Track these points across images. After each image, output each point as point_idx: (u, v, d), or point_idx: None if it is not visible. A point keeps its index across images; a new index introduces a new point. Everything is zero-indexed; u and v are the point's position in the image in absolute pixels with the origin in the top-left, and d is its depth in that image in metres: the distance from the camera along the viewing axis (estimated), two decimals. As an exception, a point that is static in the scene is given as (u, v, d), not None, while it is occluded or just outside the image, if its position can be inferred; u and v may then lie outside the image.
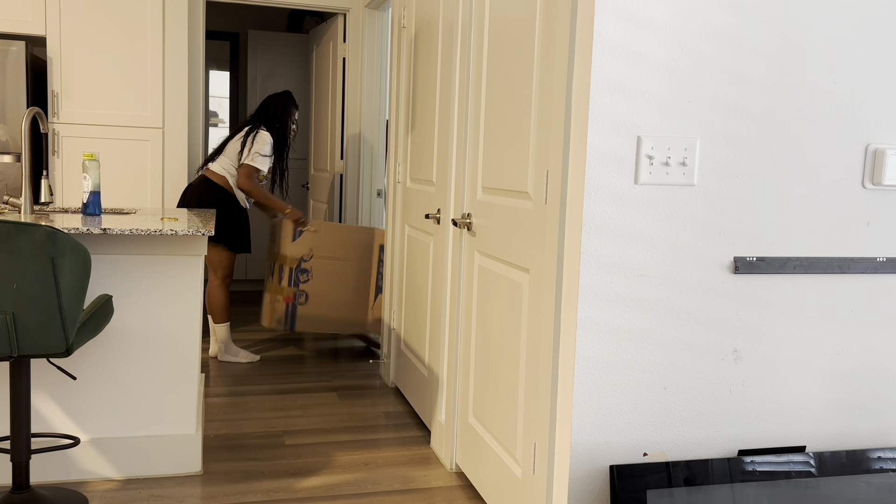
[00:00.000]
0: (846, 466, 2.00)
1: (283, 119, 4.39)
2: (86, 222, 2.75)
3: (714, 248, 1.96)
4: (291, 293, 4.42)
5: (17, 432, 2.48)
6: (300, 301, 4.43)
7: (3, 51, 4.29)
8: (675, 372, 1.97)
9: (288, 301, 4.43)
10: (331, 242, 4.46)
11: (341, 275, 4.49)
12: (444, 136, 3.15)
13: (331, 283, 4.48)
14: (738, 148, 1.94)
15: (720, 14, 1.88)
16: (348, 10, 5.10)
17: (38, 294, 2.23)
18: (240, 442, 3.28)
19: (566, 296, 1.96)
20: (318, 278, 4.44)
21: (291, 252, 4.39)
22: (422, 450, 3.26)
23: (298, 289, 4.43)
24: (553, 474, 2.04)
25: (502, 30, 2.51)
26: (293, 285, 4.41)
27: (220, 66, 7.34)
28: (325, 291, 4.48)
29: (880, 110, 2.02)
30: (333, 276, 4.48)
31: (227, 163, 4.27)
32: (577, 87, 1.91)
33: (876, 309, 2.09)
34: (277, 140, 4.40)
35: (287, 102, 4.42)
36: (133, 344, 2.85)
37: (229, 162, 4.27)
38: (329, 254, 4.46)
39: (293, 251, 4.40)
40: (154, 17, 4.60)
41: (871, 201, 2.05)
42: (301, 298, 4.43)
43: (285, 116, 4.40)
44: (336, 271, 4.48)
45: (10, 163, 4.41)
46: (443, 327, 3.17)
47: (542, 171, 2.16)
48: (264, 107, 4.41)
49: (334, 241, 4.47)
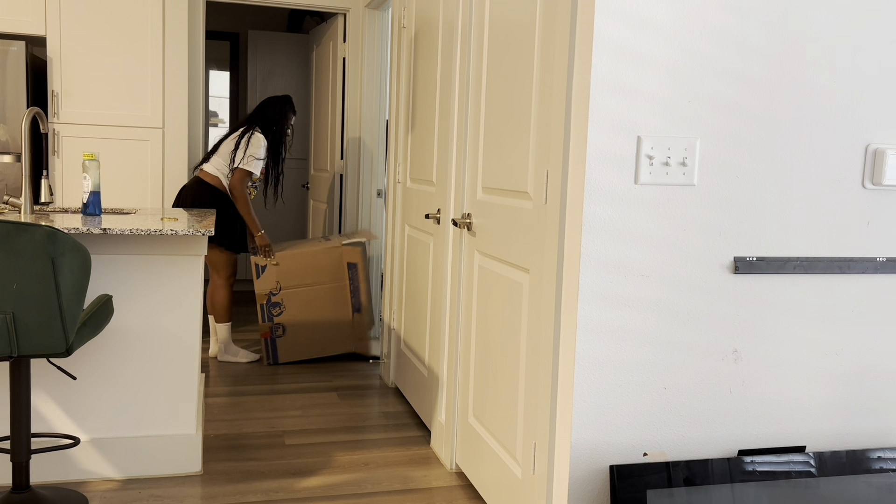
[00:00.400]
0: (846, 466, 2.00)
1: (280, 123, 4.39)
2: (86, 222, 2.75)
3: (714, 248, 1.96)
4: (267, 328, 4.43)
5: (17, 432, 2.48)
6: (277, 334, 4.43)
7: (3, 51, 4.29)
8: (675, 372, 1.97)
9: (265, 336, 4.44)
10: (297, 270, 4.42)
11: (314, 300, 4.46)
12: (444, 136, 3.15)
13: (306, 310, 4.45)
14: (738, 148, 1.94)
15: (720, 14, 1.88)
16: (348, 10, 5.10)
17: (38, 294, 2.23)
18: (240, 442, 3.28)
19: (566, 296, 1.96)
20: (291, 309, 4.42)
21: (259, 288, 4.37)
22: (422, 450, 3.26)
23: (273, 322, 4.42)
24: (553, 474, 2.04)
25: (502, 30, 2.51)
26: (267, 320, 4.41)
27: (220, 66, 7.34)
28: (301, 320, 4.45)
29: (880, 110, 2.02)
30: (306, 303, 4.45)
31: (221, 163, 4.27)
32: (577, 87, 1.91)
33: (876, 309, 2.09)
34: (273, 144, 4.39)
35: (286, 107, 4.42)
36: (133, 344, 2.85)
37: (223, 162, 4.27)
38: (297, 282, 4.42)
39: (261, 287, 4.38)
40: (154, 17, 4.60)
41: (871, 201, 2.05)
42: (278, 331, 4.43)
43: (283, 121, 4.40)
44: (308, 298, 4.45)
45: (10, 163, 4.41)
46: (443, 327, 3.17)
47: (542, 171, 2.16)
48: (262, 108, 4.40)
49: (300, 269, 4.43)
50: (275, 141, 4.39)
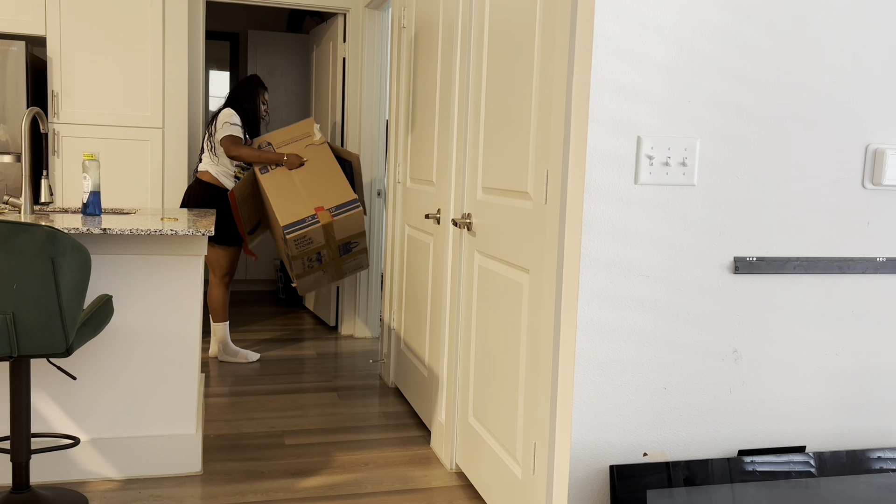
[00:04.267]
0: (846, 466, 2.00)
1: (252, 99, 4.42)
2: (86, 222, 2.75)
3: (714, 248, 1.96)
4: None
5: (17, 432, 2.48)
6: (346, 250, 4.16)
7: (3, 51, 4.29)
8: (675, 372, 1.97)
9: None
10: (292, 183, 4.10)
11: (310, 170, 4.14)
12: (444, 136, 3.15)
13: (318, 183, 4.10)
14: (738, 148, 1.94)
15: (720, 14, 1.88)
16: (348, 10, 5.10)
17: (38, 294, 2.23)
18: (240, 442, 3.28)
19: (566, 296, 1.96)
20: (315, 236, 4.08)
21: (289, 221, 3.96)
22: (422, 450, 3.26)
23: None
24: (553, 474, 2.04)
25: (502, 30, 2.51)
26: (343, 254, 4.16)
27: (220, 66, 7.34)
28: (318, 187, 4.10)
29: (880, 110, 2.02)
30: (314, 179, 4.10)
31: (206, 156, 4.34)
32: (577, 87, 1.91)
33: (876, 309, 2.09)
34: (248, 120, 4.41)
35: (253, 83, 4.45)
36: (133, 344, 2.85)
37: (206, 154, 4.32)
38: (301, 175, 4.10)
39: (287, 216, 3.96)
40: (154, 17, 4.60)
41: (871, 201, 2.05)
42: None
43: (254, 96, 4.43)
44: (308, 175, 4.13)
45: (10, 163, 4.41)
46: (443, 327, 3.17)
47: (542, 171, 2.16)
48: (232, 92, 4.46)
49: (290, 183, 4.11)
50: (251, 117, 4.42)
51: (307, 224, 3.98)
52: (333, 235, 4.06)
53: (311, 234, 3.99)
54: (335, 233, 4.04)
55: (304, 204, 4.04)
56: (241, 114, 4.36)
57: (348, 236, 4.11)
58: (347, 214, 4.00)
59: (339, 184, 4.10)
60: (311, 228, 3.97)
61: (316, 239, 4.03)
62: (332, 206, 4.01)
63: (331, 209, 4.00)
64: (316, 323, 5.65)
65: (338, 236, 4.07)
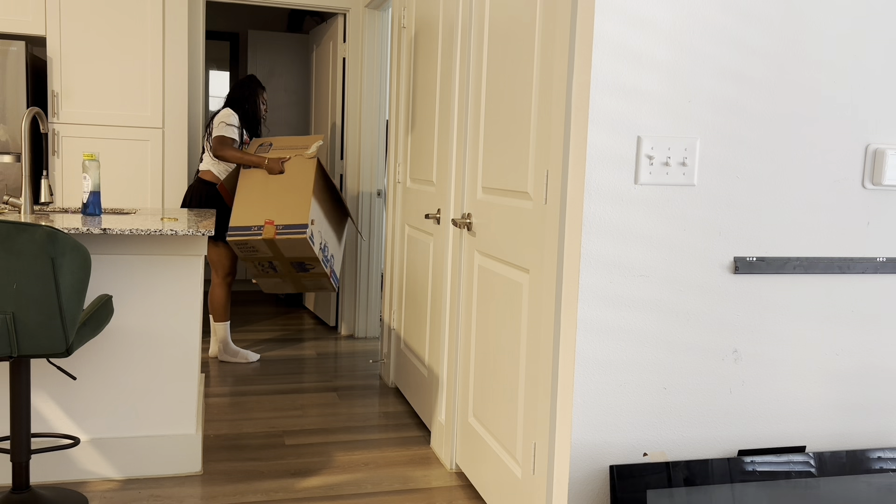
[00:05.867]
0: (846, 466, 2.00)
1: (251, 99, 4.44)
2: (86, 222, 2.75)
3: (714, 248, 1.96)
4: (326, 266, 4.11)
5: (17, 432, 2.48)
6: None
7: (3, 51, 4.29)
8: (675, 372, 1.97)
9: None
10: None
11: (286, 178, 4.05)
12: (444, 136, 3.15)
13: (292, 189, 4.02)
14: (738, 148, 1.94)
15: (720, 14, 1.88)
16: (348, 10, 5.10)
17: (38, 294, 2.23)
18: (240, 442, 3.28)
19: (566, 296, 1.96)
20: None
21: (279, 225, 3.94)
22: (422, 450, 3.26)
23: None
24: (553, 474, 2.04)
25: (502, 30, 2.51)
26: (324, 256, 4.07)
27: (220, 66, 7.34)
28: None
29: (880, 110, 2.02)
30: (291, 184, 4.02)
31: (206, 156, 4.37)
32: (577, 87, 1.91)
33: (876, 309, 2.09)
34: (248, 120, 4.42)
35: (252, 84, 4.47)
36: (133, 344, 2.85)
37: (207, 154, 4.37)
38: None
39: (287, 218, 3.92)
40: (154, 17, 4.60)
41: (871, 201, 2.05)
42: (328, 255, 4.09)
43: (253, 96, 4.45)
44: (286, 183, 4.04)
45: (10, 163, 4.41)
46: (443, 327, 3.17)
47: (542, 171, 2.16)
48: (230, 93, 4.48)
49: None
50: (251, 117, 4.43)
51: (251, 233, 3.93)
52: (280, 252, 3.98)
53: (254, 244, 3.93)
54: (282, 250, 3.96)
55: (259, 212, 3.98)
56: (241, 114, 4.38)
57: (299, 257, 4.02)
58: (290, 237, 3.89)
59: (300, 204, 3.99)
60: (252, 238, 3.91)
61: (260, 249, 3.96)
62: (281, 223, 3.93)
63: (278, 226, 3.92)
64: (316, 323, 5.65)
65: (286, 254, 3.99)
